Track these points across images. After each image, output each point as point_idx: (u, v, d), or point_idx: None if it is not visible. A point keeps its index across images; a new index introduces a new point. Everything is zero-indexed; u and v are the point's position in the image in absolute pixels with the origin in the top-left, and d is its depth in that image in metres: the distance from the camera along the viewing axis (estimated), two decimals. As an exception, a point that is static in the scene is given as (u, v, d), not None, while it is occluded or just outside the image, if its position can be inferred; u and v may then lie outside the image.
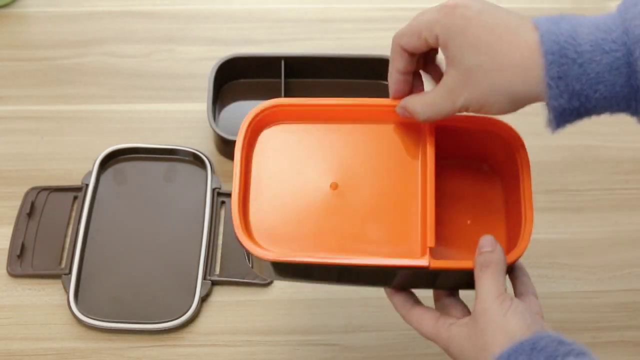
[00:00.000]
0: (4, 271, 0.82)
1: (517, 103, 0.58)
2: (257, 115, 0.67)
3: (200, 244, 0.83)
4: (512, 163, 0.66)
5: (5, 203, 0.87)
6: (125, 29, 1.07)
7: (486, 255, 0.60)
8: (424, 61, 0.65)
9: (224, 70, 0.97)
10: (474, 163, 0.70)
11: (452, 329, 0.60)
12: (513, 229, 0.65)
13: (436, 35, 0.58)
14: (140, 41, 1.06)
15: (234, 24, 1.09)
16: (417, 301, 0.65)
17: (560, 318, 0.80)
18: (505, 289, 0.59)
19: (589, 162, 0.94)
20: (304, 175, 0.66)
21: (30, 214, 0.85)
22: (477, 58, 0.57)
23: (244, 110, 0.97)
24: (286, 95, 0.97)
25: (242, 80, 1.00)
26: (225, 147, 0.92)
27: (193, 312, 0.79)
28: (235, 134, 0.95)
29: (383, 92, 0.99)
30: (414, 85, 0.65)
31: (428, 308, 0.64)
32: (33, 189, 0.88)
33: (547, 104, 0.56)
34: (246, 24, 1.09)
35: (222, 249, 0.84)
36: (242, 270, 0.82)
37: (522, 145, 0.65)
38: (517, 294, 0.64)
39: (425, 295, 0.66)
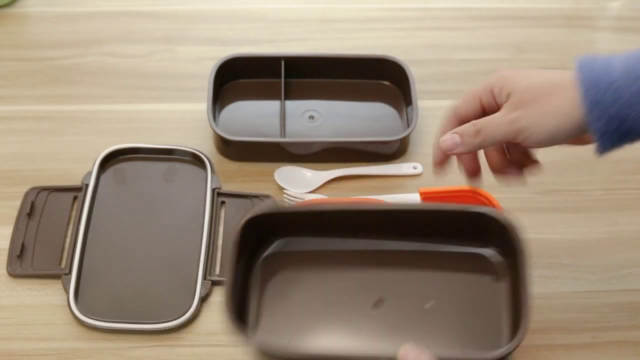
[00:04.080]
0: (4, 271, 0.82)
1: (562, 131, 0.65)
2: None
3: (200, 244, 0.83)
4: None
5: (5, 203, 0.87)
6: (125, 29, 1.07)
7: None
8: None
9: (224, 70, 0.97)
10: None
11: None
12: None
13: (491, 90, 0.67)
14: (140, 41, 1.06)
15: (234, 24, 1.09)
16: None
17: (560, 318, 0.80)
18: None
19: (589, 162, 0.93)
20: None
21: (30, 214, 0.85)
22: (530, 84, 0.65)
23: (244, 110, 0.98)
24: (286, 95, 0.97)
25: (242, 80, 1.00)
26: (225, 147, 0.92)
27: (193, 312, 0.79)
28: (235, 134, 0.95)
29: (382, 92, 1.00)
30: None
31: None
32: (33, 189, 0.88)
33: (589, 129, 0.63)
34: (246, 24, 1.09)
35: (222, 249, 0.84)
36: (242, 270, 0.82)
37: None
38: None
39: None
